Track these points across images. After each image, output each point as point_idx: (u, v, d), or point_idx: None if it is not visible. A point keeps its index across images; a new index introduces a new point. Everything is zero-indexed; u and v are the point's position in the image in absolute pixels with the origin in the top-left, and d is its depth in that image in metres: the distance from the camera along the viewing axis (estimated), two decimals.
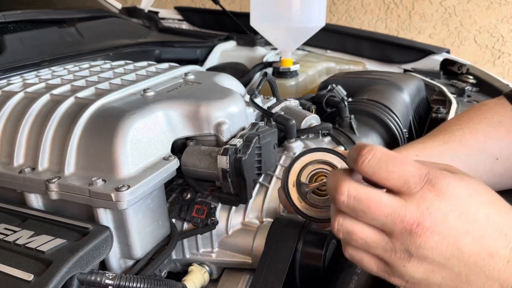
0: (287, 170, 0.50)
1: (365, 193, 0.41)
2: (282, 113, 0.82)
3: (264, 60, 1.47)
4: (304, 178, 0.49)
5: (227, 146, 0.61)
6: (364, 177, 0.42)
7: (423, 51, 1.51)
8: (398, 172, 0.40)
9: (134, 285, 0.50)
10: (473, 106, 0.74)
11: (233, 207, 0.68)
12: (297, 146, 0.80)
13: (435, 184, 0.40)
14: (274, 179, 0.72)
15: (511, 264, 0.39)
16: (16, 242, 0.49)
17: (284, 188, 0.49)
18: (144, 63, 0.89)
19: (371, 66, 1.57)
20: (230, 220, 0.67)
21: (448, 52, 1.53)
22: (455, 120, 0.71)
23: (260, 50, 1.59)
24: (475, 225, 0.40)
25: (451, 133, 0.67)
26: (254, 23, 1.28)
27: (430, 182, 0.40)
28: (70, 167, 0.58)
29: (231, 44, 1.62)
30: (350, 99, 1.08)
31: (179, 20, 1.86)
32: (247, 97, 0.81)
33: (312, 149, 0.49)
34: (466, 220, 0.40)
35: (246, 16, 1.35)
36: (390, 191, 0.41)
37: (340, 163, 0.49)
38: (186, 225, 0.68)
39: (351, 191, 0.41)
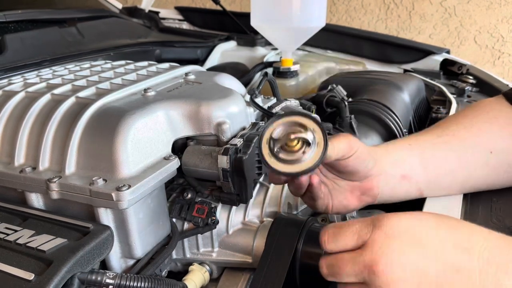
0: (264, 128, 0.52)
1: (334, 258, 0.47)
2: (283, 113, 0.82)
3: (265, 60, 1.47)
4: (276, 136, 0.51)
5: (227, 146, 0.61)
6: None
7: (423, 51, 1.51)
8: (349, 234, 0.47)
9: (135, 284, 0.50)
10: (470, 104, 0.74)
11: (234, 207, 0.68)
12: None
13: (380, 226, 0.45)
14: None
15: (484, 271, 0.41)
16: (16, 241, 0.49)
17: (258, 143, 0.52)
18: (145, 63, 0.89)
19: (371, 66, 1.57)
20: (230, 219, 0.67)
21: (448, 52, 1.53)
22: (451, 117, 0.72)
23: (260, 50, 1.59)
24: (429, 248, 0.43)
25: (446, 128, 0.68)
26: (254, 23, 1.28)
27: (375, 226, 0.45)
28: (71, 166, 0.58)
29: (231, 44, 1.62)
30: (350, 99, 1.08)
31: (179, 20, 1.86)
32: (248, 97, 0.81)
33: (287, 113, 0.52)
34: (420, 246, 0.43)
35: (246, 16, 1.35)
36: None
37: (313, 126, 0.51)
38: (186, 225, 0.68)
39: (325, 262, 0.48)
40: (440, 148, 0.65)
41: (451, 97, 1.21)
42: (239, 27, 1.67)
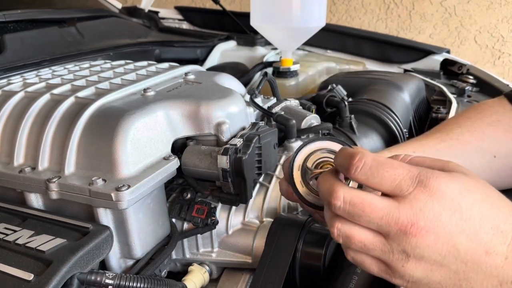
0: (295, 154, 0.50)
1: (359, 197, 0.42)
2: (282, 113, 0.82)
3: (264, 60, 1.47)
4: (310, 164, 0.50)
5: (227, 146, 0.61)
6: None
7: (423, 51, 1.51)
8: (389, 177, 0.41)
9: (134, 284, 0.50)
10: (472, 105, 0.74)
11: (233, 207, 0.68)
12: (297, 146, 0.80)
13: (426, 185, 0.40)
14: (274, 179, 0.72)
15: (509, 260, 0.39)
16: (16, 241, 0.49)
17: (289, 169, 0.50)
18: (144, 63, 0.89)
19: (371, 66, 1.57)
20: (230, 219, 0.67)
21: (448, 52, 1.53)
22: (454, 119, 0.71)
23: (260, 50, 1.59)
24: (469, 223, 0.40)
25: (449, 131, 0.67)
26: (254, 23, 1.28)
27: (422, 183, 0.41)
28: (70, 166, 0.58)
29: (231, 44, 1.62)
30: (350, 99, 1.08)
31: (179, 20, 1.86)
32: (247, 97, 0.81)
33: (322, 137, 0.50)
34: (460, 218, 0.40)
35: (246, 16, 1.35)
36: (385, 194, 0.42)
37: None
38: (186, 225, 0.68)
39: (346, 196, 0.42)
40: (444, 153, 0.65)
41: (451, 97, 1.21)
42: (239, 27, 1.67)
